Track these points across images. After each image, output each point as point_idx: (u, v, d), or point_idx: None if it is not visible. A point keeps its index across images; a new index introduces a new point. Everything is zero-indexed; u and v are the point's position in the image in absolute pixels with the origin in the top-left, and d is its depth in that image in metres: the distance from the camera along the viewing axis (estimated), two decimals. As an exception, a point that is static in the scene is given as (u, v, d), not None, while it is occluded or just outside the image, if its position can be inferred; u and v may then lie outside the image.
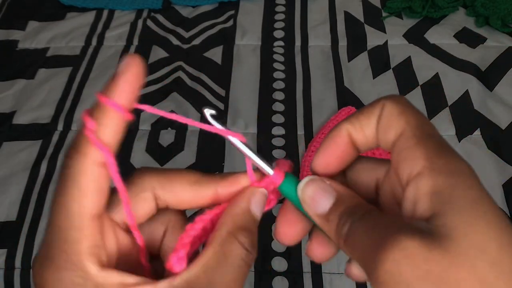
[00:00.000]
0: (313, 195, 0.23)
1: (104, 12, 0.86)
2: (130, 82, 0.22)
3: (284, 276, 0.53)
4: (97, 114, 0.21)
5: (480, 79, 0.72)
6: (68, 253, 0.21)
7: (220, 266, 0.22)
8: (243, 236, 0.22)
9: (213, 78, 0.74)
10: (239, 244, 0.22)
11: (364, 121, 0.23)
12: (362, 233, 0.21)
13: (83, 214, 0.21)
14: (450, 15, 0.82)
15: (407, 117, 0.22)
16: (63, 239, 0.21)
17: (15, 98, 0.73)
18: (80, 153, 0.21)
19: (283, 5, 0.86)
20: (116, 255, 0.23)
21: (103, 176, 0.21)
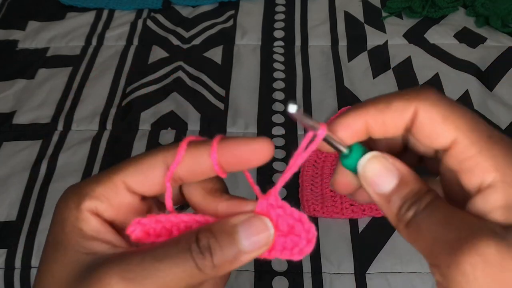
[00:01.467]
0: (376, 174, 0.22)
1: (104, 12, 0.86)
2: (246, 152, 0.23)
3: (284, 276, 0.53)
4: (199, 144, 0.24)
5: (480, 79, 0.72)
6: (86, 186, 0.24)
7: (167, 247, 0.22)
8: (204, 236, 0.22)
9: (213, 78, 0.74)
10: (195, 238, 0.22)
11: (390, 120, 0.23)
12: (431, 226, 0.20)
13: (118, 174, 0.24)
14: (450, 15, 0.82)
15: (454, 122, 0.21)
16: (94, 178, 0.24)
17: (15, 98, 0.73)
18: (160, 148, 0.24)
19: (283, 5, 0.86)
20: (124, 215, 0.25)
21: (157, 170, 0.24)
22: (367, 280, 0.52)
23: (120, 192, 0.24)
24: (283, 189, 0.59)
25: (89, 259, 0.22)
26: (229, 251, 0.22)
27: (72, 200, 0.24)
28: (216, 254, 0.21)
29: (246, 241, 0.22)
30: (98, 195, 0.24)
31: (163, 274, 0.21)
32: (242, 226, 0.22)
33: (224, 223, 0.22)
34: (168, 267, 0.21)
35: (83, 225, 0.23)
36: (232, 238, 0.22)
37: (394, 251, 0.54)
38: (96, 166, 0.63)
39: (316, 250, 0.55)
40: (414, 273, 0.53)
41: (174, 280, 0.21)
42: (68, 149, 0.65)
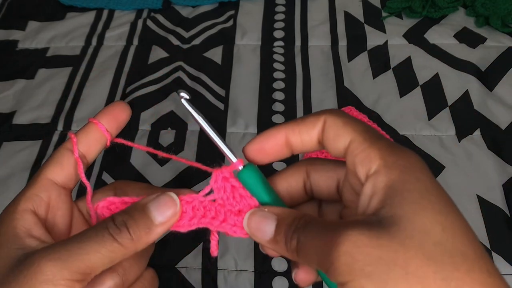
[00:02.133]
0: (257, 225, 0.26)
1: (104, 12, 0.86)
2: (114, 114, 0.31)
3: (284, 276, 0.53)
4: (84, 127, 0.31)
5: (480, 79, 0.72)
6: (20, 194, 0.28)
7: (88, 230, 0.26)
8: (119, 216, 0.26)
9: (213, 78, 0.74)
10: (111, 219, 0.26)
11: (304, 131, 0.27)
12: (310, 241, 0.23)
13: (41, 174, 0.29)
14: (450, 15, 0.82)
15: (352, 126, 0.25)
16: (26, 186, 0.29)
17: (15, 98, 0.73)
18: (62, 145, 0.30)
19: (283, 5, 0.86)
20: (66, 230, 0.30)
21: (66, 156, 0.30)
22: (367, 280, 0.52)
23: (47, 188, 0.29)
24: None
25: (20, 253, 0.25)
26: (143, 223, 0.26)
27: (11, 204, 0.28)
28: (132, 227, 0.25)
29: (156, 213, 0.26)
30: (30, 195, 0.28)
31: (86, 252, 0.24)
32: (152, 203, 0.27)
33: (136, 203, 0.27)
34: (90, 245, 0.24)
35: (17, 223, 0.27)
36: (144, 213, 0.26)
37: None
38: (96, 166, 0.63)
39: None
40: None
41: (97, 256, 0.24)
42: (68, 149, 0.65)
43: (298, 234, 0.24)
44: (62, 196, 0.30)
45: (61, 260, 0.24)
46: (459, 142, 0.64)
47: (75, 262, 0.24)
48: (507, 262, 0.53)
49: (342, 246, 0.21)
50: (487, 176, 0.61)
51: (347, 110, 0.67)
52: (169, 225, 0.27)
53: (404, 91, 0.71)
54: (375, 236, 0.21)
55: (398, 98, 0.70)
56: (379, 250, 0.20)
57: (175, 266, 0.54)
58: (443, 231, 0.21)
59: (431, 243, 0.20)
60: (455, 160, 0.62)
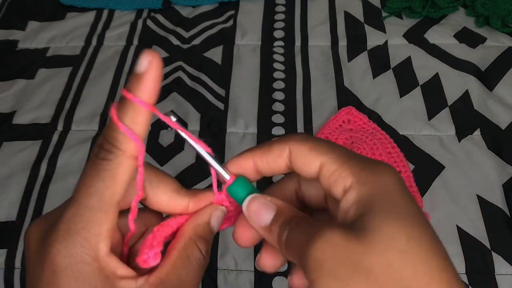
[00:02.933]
0: (256, 210, 0.27)
1: (104, 12, 0.86)
2: (154, 80, 0.24)
3: (284, 276, 0.53)
4: (127, 111, 0.24)
5: (480, 79, 0.72)
6: (89, 232, 0.23)
7: (185, 265, 0.25)
8: (201, 243, 0.26)
9: (213, 78, 0.74)
10: (198, 250, 0.26)
11: (271, 160, 0.27)
12: (296, 236, 0.24)
13: (113, 201, 0.24)
14: (450, 15, 0.82)
15: (319, 150, 0.26)
16: (88, 219, 0.23)
17: (15, 98, 0.73)
18: (120, 149, 0.23)
19: (283, 5, 0.86)
20: None
21: (133, 169, 0.24)
22: (367, 280, 0.52)
23: (116, 215, 0.24)
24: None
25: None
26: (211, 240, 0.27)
27: (83, 253, 0.23)
28: (208, 250, 0.27)
29: (217, 227, 0.28)
30: (107, 234, 0.24)
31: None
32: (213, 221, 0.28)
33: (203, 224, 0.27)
34: (196, 282, 0.26)
35: (109, 272, 0.23)
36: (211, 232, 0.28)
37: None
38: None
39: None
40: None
41: (197, 283, 0.26)
42: (68, 149, 0.65)
43: (290, 228, 0.25)
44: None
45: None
46: (459, 142, 0.64)
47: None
48: (507, 262, 0.53)
49: (316, 242, 0.22)
50: (487, 176, 0.61)
51: (347, 110, 0.67)
52: None
53: (404, 91, 0.71)
54: (346, 238, 0.21)
55: (398, 98, 0.70)
56: (348, 251, 0.21)
57: (175, 266, 0.54)
58: (408, 241, 0.21)
59: (395, 251, 0.21)
60: (455, 160, 0.62)
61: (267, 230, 0.26)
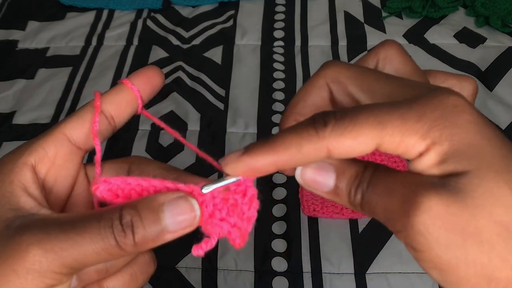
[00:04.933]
0: (314, 177, 0.24)
1: (104, 12, 0.86)
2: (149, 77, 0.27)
3: (284, 276, 0.53)
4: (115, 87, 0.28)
5: (480, 79, 0.72)
6: (25, 144, 0.26)
7: (89, 220, 0.22)
8: (128, 212, 0.22)
9: (213, 78, 0.74)
10: (118, 215, 0.22)
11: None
12: (378, 198, 0.22)
13: (56, 128, 0.26)
14: (450, 15, 0.82)
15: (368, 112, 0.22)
16: (35, 138, 0.27)
17: (15, 98, 0.73)
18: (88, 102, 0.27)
19: (283, 5, 0.86)
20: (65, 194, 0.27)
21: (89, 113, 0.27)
22: (367, 280, 0.52)
23: (58, 143, 0.26)
24: (283, 189, 0.60)
25: (12, 216, 0.23)
26: (152, 230, 0.22)
27: (13, 154, 0.25)
28: (138, 233, 0.22)
29: (170, 221, 0.22)
30: (35, 147, 0.25)
31: (82, 249, 0.21)
32: (169, 205, 0.23)
33: (151, 199, 0.23)
34: (87, 242, 0.21)
35: (14, 177, 0.24)
36: (156, 217, 0.22)
37: (394, 251, 0.54)
38: (96, 166, 0.63)
39: (316, 250, 0.55)
40: (414, 273, 0.53)
41: (93, 255, 0.22)
42: (68, 149, 0.65)
43: (362, 190, 0.23)
44: (72, 155, 0.26)
45: (54, 252, 0.21)
46: (459, 142, 0.64)
47: (68, 257, 0.21)
48: (507, 262, 0.53)
49: (416, 216, 0.20)
50: (487, 176, 0.61)
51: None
52: (179, 235, 0.23)
53: (404, 91, 0.71)
54: (448, 205, 0.20)
55: (398, 98, 0.70)
56: (453, 218, 0.20)
57: (175, 266, 0.54)
58: (511, 193, 0.20)
59: (501, 208, 0.20)
60: (455, 160, 0.62)
61: (333, 193, 0.24)
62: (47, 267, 0.21)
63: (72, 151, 0.26)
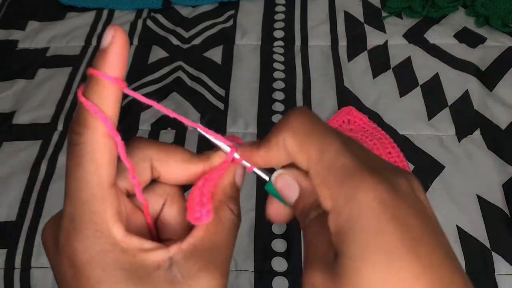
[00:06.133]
0: (282, 188, 0.26)
1: (104, 12, 0.86)
2: (118, 54, 0.23)
3: (284, 276, 0.53)
4: (93, 88, 0.22)
5: (480, 79, 0.72)
6: (96, 223, 0.22)
7: (218, 229, 0.25)
8: (232, 204, 0.26)
9: (213, 78, 0.74)
10: (230, 211, 0.25)
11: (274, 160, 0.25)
12: (307, 239, 0.24)
13: (104, 185, 0.23)
14: (450, 15, 0.82)
15: (306, 151, 0.23)
16: (89, 211, 0.22)
17: (15, 98, 0.73)
18: (89, 128, 0.22)
19: (283, 5, 0.86)
20: (126, 221, 0.25)
21: (113, 146, 0.23)
22: (367, 280, 0.52)
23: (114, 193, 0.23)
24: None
25: (163, 273, 0.23)
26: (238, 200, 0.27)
27: (99, 242, 0.22)
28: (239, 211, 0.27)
29: (241, 184, 0.27)
30: (113, 213, 0.23)
31: (231, 252, 0.25)
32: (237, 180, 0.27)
33: (231, 184, 0.27)
34: (232, 245, 0.26)
35: (132, 252, 0.23)
36: (238, 192, 0.27)
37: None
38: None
39: (316, 250, 0.55)
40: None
41: (232, 246, 0.26)
42: (68, 149, 0.65)
43: (305, 223, 0.25)
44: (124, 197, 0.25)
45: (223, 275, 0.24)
46: (459, 142, 0.64)
47: (228, 266, 0.25)
48: (507, 262, 0.53)
49: (305, 279, 0.22)
50: (487, 176, 0.61)
51: (347, 110, 0.67)
52: None
53: (404, 91, 0.71)
54: (325, 285, 0.21)
55: (398, 98, 0.70)
56: None
57: (175, 266, 0.54)
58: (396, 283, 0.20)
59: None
60: (455, 160, 0.62)
61: (292, 207, 0.26)
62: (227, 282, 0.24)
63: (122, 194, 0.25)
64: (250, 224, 0.57)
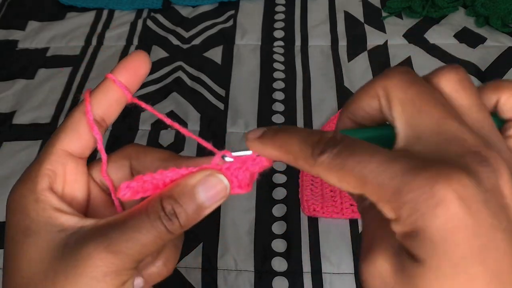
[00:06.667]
0: None
1: (104, 12, 0.86)
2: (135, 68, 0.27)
3: (284, 276, 0.53)
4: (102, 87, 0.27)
5: (480, 79, 0.72)
6: (31, 170, 0.26)
7: (139, 215, 0.24)
8: (168, 203, 0.24)
9: (213, 78, 0.74)
10: (161, 210, 0.24)
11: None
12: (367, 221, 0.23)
13: (55, 145, 0.26)
14: (450, 15, 0.82)
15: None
16: (36, 160, 0.26)
17: (15, 98, 0.73)
18: (76, 106, 0.27)
19: (283, 5, 0.86)
20: (84, 203, 0.28)
21: (83, 124, 0.26)
22: (367, 280, 0.52)
23: (63, 160, 0.26)
24: (283, 189, 0.60)
25: (63, 236, 0.24)
26: (192, 210, 0.24)
27: (24, 188, 0.26)
28: (182, 217, 0.24)
29: (205, 198, 0.25)
30: (46, 171, 0.26)
31: (142, 242, 0.24)
32: (200, 186, 0.25)
33: (183, 185, 0.25)
34: (145, 236, 0.24)
35: (45, 205, 0.25)
36: (193, 198, 0.25)
37: (394, 251, 0.54)
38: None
39: (316, 250, 0.55)
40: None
41: (151, 244, 0.24)
42: (68, 149, 0.65)
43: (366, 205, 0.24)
44: (78, 167, 0.27)
45: (122, 252, 0.23)
46: (459, 142, 0.64)
47: (135, 253, 0.24)
48: (507, 262, 0.53)
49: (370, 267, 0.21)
50: (487, 176, 0.61)
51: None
52: (216, 206, 0.25)
53: (404, 91, 0.71)
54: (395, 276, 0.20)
55: (398, 98, 0.70)
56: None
57: (175, 266, 0.54)
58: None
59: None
60: (455, 160, 0.62)
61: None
62: (122, 266, 0.24)
63: (77, 163, 0.27)
64: (250, 224, 0.57)
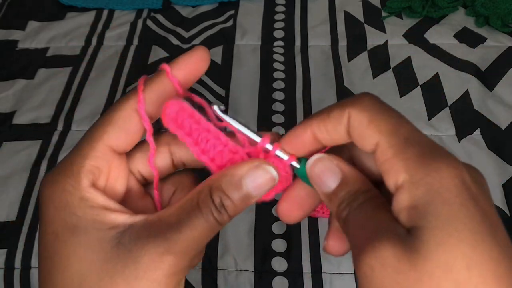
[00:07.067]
0: (320, 174, 0.24)
1: (104, 12, 0.86)
2: (194, 64, 0.27)
3: (284, 276, 0.53)
4: (156, 78, 0.26)
5: (480, 79, 0.72)
6: (73, 164, 0.24)
7: (192, 212, 0.23)
8: (217, 195, 0.24)
9: (213, 78, 0.74)
10: (212, 202, 0.24)
11: (331, 128, 0.24)
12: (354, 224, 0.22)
13: (100, 140, 0.25)
14: (450, 15, 0.82)
15: (377, 125, 0.22)
16: (77, 154, 0.25)
17: (15, 98, 0.73)
18: (124, 98, 0.25)
19: (283, 5, 0.86)
20: (123, 197, 0.27)
21: (133, 120, 0.25)
22: (367, 280, 0.52)
23: (108, 158, 0.25)
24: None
25: (114, 234, 0.23)
26: (239, 201, 0.24)
27: (66, 183, 0.24)
28: (230, 208, 0.24)
29: (252, 188, 0.24)
30: (90, 168, 0.24)
31: (197, 238, 0.23)
32: (247, 177, 0.24)
33: (231, 175, 0.24)
34: (199, 232, 0.23)
35: (92, 203, 0.24)
36: (240, 190, 0.24)
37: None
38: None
39: (316, 250, 0.55)
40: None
41: (205, 239, 0.24)
42: (68, 149, 0.65)
43: (351, 208, 0.23)
44: (121, 163, 0.26)
45: (182, 252, 0.23)
46: (459, 142, 0.64)
47: (192, 251, 0.23)
48: (507, 262, 0.53)
49: (366, 257, 0.20)
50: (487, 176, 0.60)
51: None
52: (264, 195, 0.25)
53: (404, 91, 0.71)
54: (398, 259, 0.19)
55: (398, 98, 0.70)
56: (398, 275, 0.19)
57: (175, 266, 0.54)
58: (468, 270, 0.18)
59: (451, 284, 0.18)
60: (455, 160, 0.62)
61: (328, 197, 0.24)
62: (182, 265, 0.23)
63: (121, 160, 0.26)
64: (250, 224, 0.57)
